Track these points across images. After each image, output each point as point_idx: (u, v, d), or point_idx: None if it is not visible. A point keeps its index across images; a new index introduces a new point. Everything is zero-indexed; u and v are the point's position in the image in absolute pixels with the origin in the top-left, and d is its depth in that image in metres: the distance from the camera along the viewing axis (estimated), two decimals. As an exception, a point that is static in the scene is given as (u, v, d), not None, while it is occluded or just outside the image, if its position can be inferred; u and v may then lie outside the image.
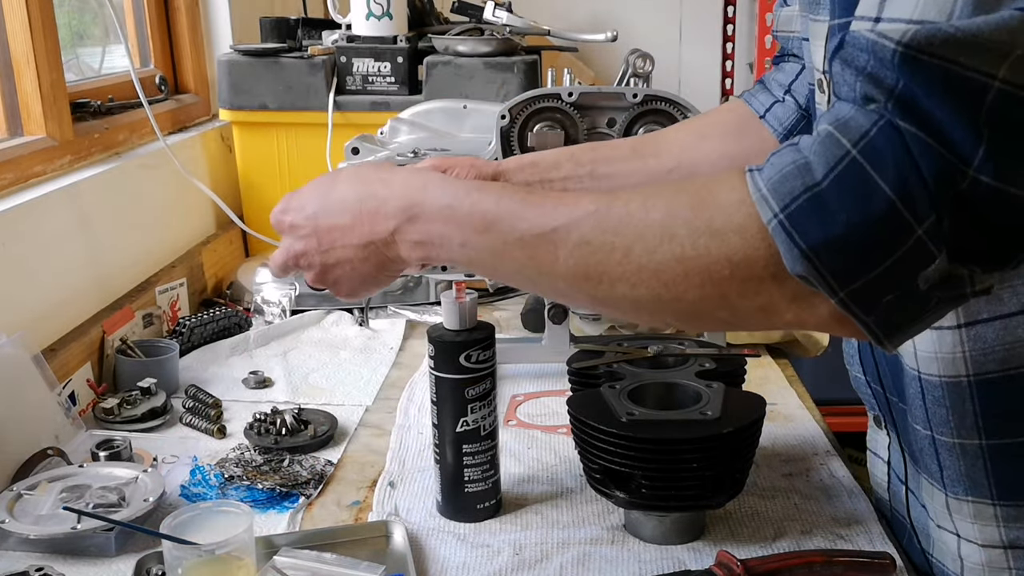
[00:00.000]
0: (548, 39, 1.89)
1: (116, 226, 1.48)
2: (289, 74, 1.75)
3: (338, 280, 0.85)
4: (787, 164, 0.61)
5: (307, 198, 0.84)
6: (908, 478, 0.93)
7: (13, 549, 0.95)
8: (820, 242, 0.59)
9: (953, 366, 0.79)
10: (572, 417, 0.97)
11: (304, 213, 0.83)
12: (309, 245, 0.83)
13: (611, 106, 1.16)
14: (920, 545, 0.92)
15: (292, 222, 0.85)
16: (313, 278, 0.86)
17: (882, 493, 0.99)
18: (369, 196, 0.79)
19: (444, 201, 0.75)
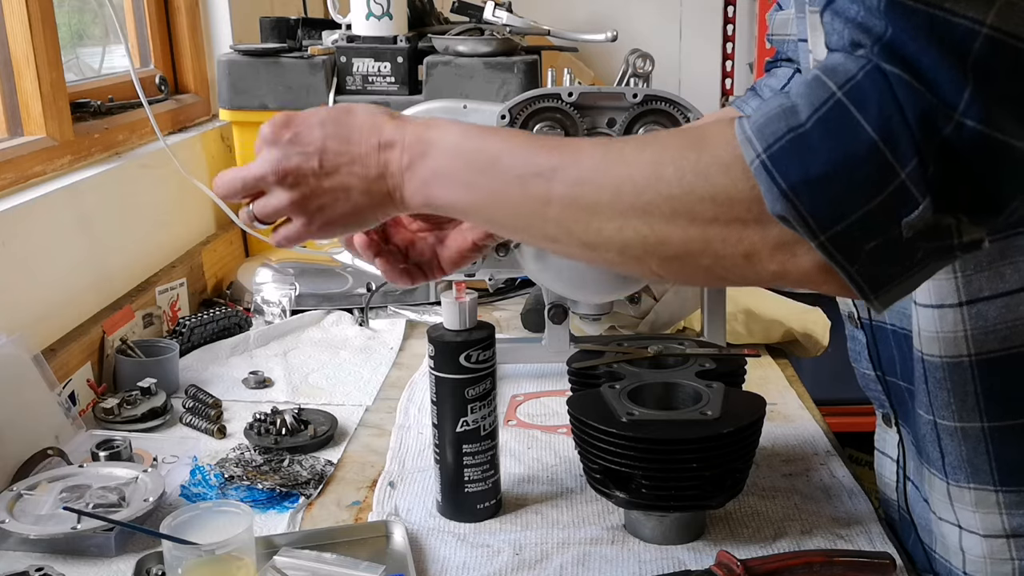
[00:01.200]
0: (548, 39, 1.89)
1: (116, 226, 1.48)
2: (289, 74, 1.74)
3: (321, 209, 0.79)
4: (773, 108, 0.62)
5: (317, 117, 0.78)
6: (911, 472, 0.92)
7: (13, 549, 0.95)
8: (800, 181, 0.59)
9: (955, 346, 0.79)
10: (572, 417, 0.97)
11: (313, 131, 0.77)
12: (308, 164, 0.77)
13: (611, 106, 1.16)
14: (923, 541, 0.91)
15: (297, 134, 0.77)
16: (290, 203, 0.79)
17: (890, 494, 0.98)
18: (385, 129, 0.77)
19: (454, 138, 0.75)
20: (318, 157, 0.77)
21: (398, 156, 0.76)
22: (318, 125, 0.78)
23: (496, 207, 0.74)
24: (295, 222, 0.80)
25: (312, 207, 0.79)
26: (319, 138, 0.77)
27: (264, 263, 1.67)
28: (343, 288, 1.62)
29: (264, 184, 0.79)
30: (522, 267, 1.27)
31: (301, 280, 1.62)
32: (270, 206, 0.80)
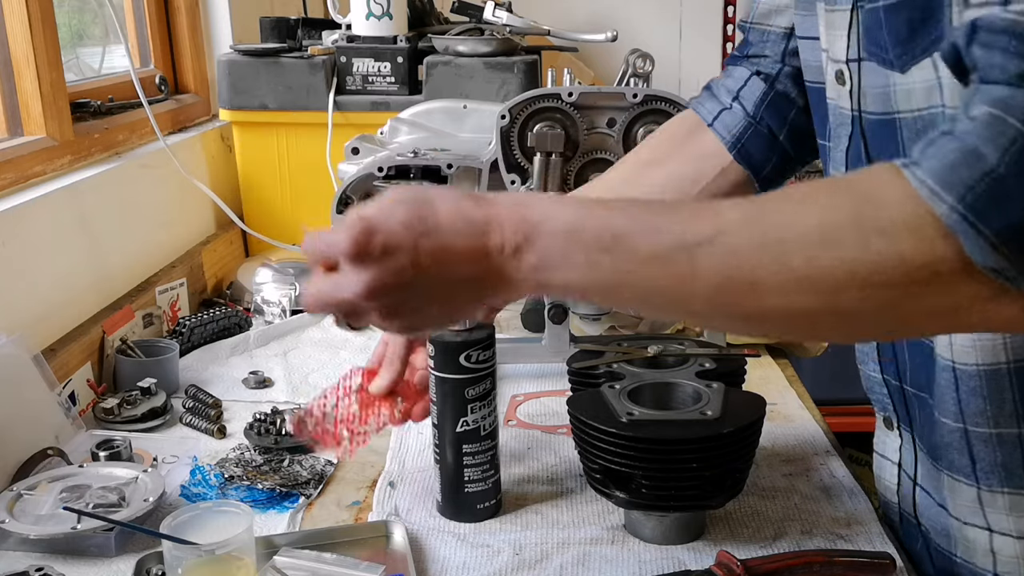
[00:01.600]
0: (548, 39, 1.89)
1: (116, 226, 1.48)
2: (289, 74, 1.74)
3: (419, 311, 0.73)
4: (950, 152, 0.59)
5: (400, 218, 0.69)
6: (920, 477, 0.92)
7: (13, 549, 0.95)
8: (1005, 227, 0.57)
9: (993, 354, 0.78)
10: (572, 417, 0.97)
11: (401, 234, 0.69)
12: (403, 278, 0.69)
13: (611, 106, 1.16)
14: (939, 546, 0.90)
15: (386, 243, 0.68)
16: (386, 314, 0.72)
17: (890, 497, 0.98)
18: (477, 216, 0.69)
19: (566, 218, 0.68)
20: (412, 269, 0.69)
21: (498, 243, 0.69)
22: (403, 228, 0.69)
23: (626, 287, 0.68)
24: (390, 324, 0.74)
25: (407, 312, 0.73)
26: (409, 243, 0.69)
27: (264, 263, 1.67)
28: (343, 288, 1.62)
29: (359, 306, 0.71)
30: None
31: (301, 280, 1.62)
32: (364, 320, 0.73)
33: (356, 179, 1.22)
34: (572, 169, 1.16)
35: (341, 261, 0.70)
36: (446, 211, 0.70)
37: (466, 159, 1.21)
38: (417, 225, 0.69)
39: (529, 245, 0.68)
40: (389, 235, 0.68)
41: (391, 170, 1.21)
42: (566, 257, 0.68)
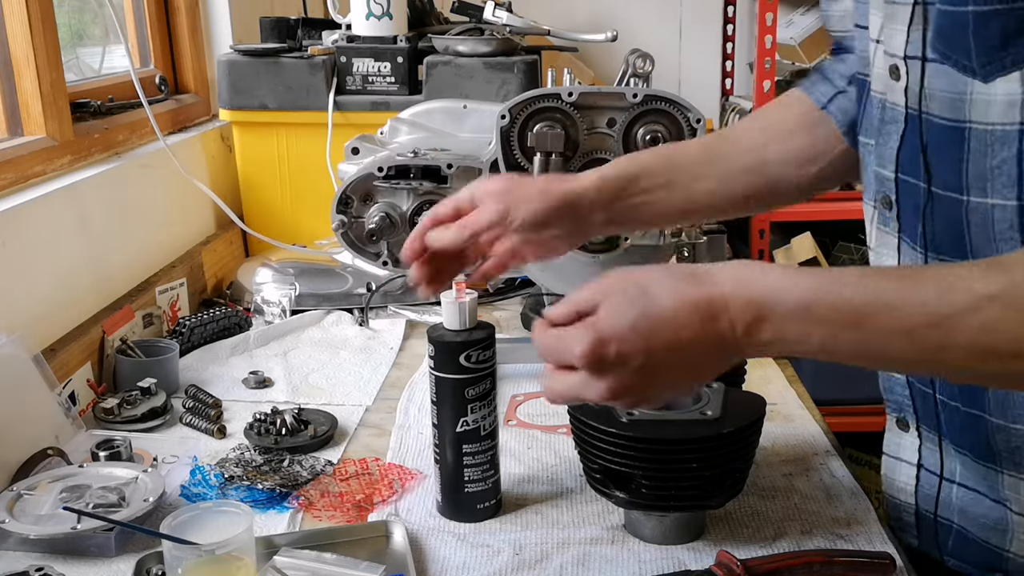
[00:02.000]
0: (548, 39, 1.89)
1: (116, 226, 1.48)
2: (289, 74, 1.75)
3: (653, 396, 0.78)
4: None
5: (621, 318, 0.73)
6: (960, 477, 0.91)
7: (13, 549, 0.95)
8: None
9: None
10: (572, 417, 0.97)
11: (630, 339, 0.72)
12: (640, 378, 0.74)
13: (611, 106, 1.16)
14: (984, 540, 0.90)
15: (620, 352, 0.72)
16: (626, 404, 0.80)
17: (905, 497, 0.97)
18: (701, 300, 0.73)
19: (798, 298, 0.71)
20: (648, 368, 0.73)
21: (728, 327, 0.72)
22: (632, 332, 0.73)
23: (869, 357, 0.73)
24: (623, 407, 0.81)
25: (648, 396, 0.78)
26: (641, 347, 0.73)
27: (264, 263, 1.67)
28: (343, 288, 1.62)
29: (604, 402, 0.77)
30: (522, 267, 1.28)
31: (301, 280, 1.62)
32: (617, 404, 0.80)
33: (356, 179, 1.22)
34: (572, 169, 1.16)
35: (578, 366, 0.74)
36: (669, 302, 0.73)
37: (466, 159, 1.21)
38: (644, 325, 0.73)
39: (760, 324, 0.72)
40: (621, 343, 0.73)
41: (391, 170, 1.21)
42: (802, 335, 0.72)
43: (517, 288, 1.69)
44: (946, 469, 0.92)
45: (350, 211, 1.23)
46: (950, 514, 0.93)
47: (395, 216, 1.22)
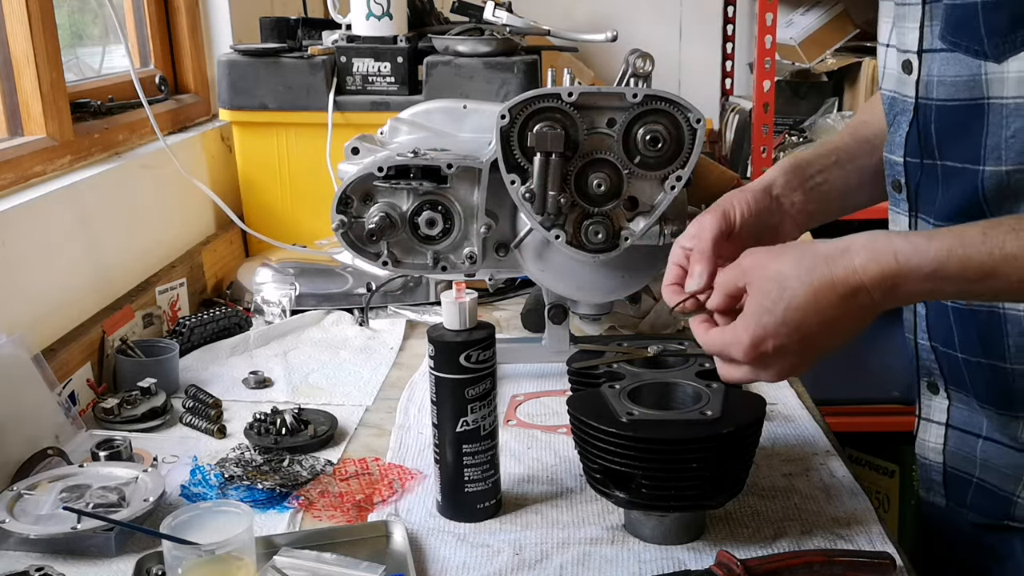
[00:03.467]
0: (548, 39, 1.89)
1: (116, 226, 1.48)
2: (289, 74, 1.74)
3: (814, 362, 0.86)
4: None
5: (769, 316, 0.83)
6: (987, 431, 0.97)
7: (13, 549, 0.95)
8: None
9: None
10: (572, 417, 0.97)
11: (783, 332, 0.82)
12: (800, 356, 0.84)
13: (611, 106, 1.16)
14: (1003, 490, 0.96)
15: (776, 345, 0.83)
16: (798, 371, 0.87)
17: (934, 457, 1.03)
18: (838, 281, 0.81)
19: (928, 268, 0.79)
20: (805, 348, 0.83)
21: (867, 298, 0.81)
22: (782, 324, 0.82)
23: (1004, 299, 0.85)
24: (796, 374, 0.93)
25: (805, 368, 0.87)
26: (795, 334, 0.82)
27: (264, 263, 1.67)
28: (343, 288, 1.62)
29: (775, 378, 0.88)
30: (522, 267, 1.28)
31: (301, 280, 1.62)
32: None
33: (356, 179, 1.22)
34: (572, 169, 1.16)
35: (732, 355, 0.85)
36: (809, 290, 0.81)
37: (466, 159, 1.21)
38: (793, 317, 0.82)
39: (895, 291, 0.80)
40: (776, 338, 0.83)
41: (391, 170, 1.20)
42: (934, 293, 0.83)
43: (517, 288, 1.69)
44: (973, 425, 0.98)
45: (350, 211, 1.23)
46: (973, 468, 0.98)
47: (395, 216, 1.22)
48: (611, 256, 1.19)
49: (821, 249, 0.83)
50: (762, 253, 0.86)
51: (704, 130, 1.15)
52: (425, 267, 1.26)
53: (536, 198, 1.15)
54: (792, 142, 2.42)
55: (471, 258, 1.25)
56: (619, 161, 1.16)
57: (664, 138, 1.15)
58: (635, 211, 1.19)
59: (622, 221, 1.19)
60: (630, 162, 1.16)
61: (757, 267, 0.85)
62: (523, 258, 1.26)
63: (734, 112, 2.70)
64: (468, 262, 1.25)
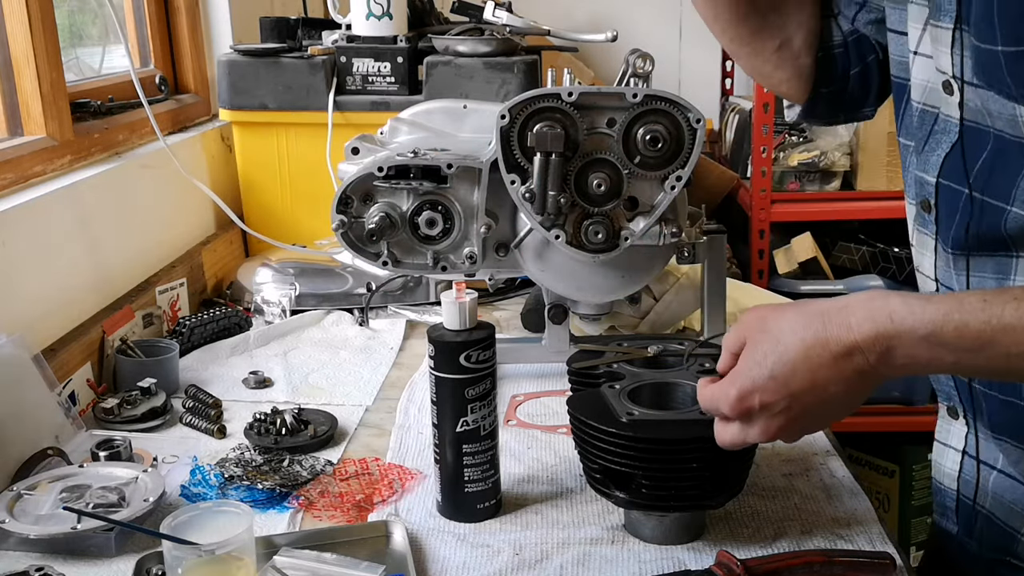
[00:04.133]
0: (548, 39, 1.89)
1: (116, 226, 1.48)
2: (289, 74, 1.74)
3: (807, 428, 0.85)
4: None
5: (759, 369, 0.81)
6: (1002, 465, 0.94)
7: (13, 549, 0.95)
8: None
9: None
10: (572, 417, 0.97)
11: (770, 388, 0.81)
12: (787, 417, 0.82)
13: (611, 106, 1.16)
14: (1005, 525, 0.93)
15: (763, 401, 0.81)
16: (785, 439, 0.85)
17: (948, 483, 1.00)
18: (831, 340, 0.79)
19: (923, 331, 0.76)
20: (796, 406, 0.81)
21: (863, 360, 0.78)
22: (770, 379, 0.80)
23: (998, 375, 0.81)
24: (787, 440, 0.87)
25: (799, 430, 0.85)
26: (783, 391, 0.80)
27: (264, 263, 1.67)
28: (343, 288, 1.62)
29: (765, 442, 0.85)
30: (522, 267, 1.28)
31: (301, 280, 1.62)
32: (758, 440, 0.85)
33: (356, 179, 1.22)
34: (572, 169, 1.16)
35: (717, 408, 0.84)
36: (802, 347, 0.80)
37: (466, 159, 1.21)
38: (782, 372, 0.80)
39: (891, 353, 0.77)
40: (763, 393, 0.81)
41: (391, 170, 1.20)
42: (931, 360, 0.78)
43: (517, 288, 1.69)
44: (988, 456, 0.95)
45: (350, 211, 1.23)
46: (984, 500, 0.95)
47: (395, 216, 1.22)
48: (611, 256, 1.19)
49: (820, 306, 0.81)
50: (764, 309, 0.85)
51: (704, 130, 1.15)
52: (425, 267, 1.26)
53: (536, 198, 1.15)
54: (792, 142, 2.42)
55: (471, 258, 1.25)
56: (619, 161, 1.16)
57: (664, 138, 1.15)
58: (635, 211, 1.18)
59: (622, 221, 1.19)
60: (630, 162, 1.16)
61: (757, 321, 0.84)
62: (523, 258, 1.26)
63: (734, 112, 2.70)
64: (468, 262, 1.25)
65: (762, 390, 0.81)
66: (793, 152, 2.41)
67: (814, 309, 0.81)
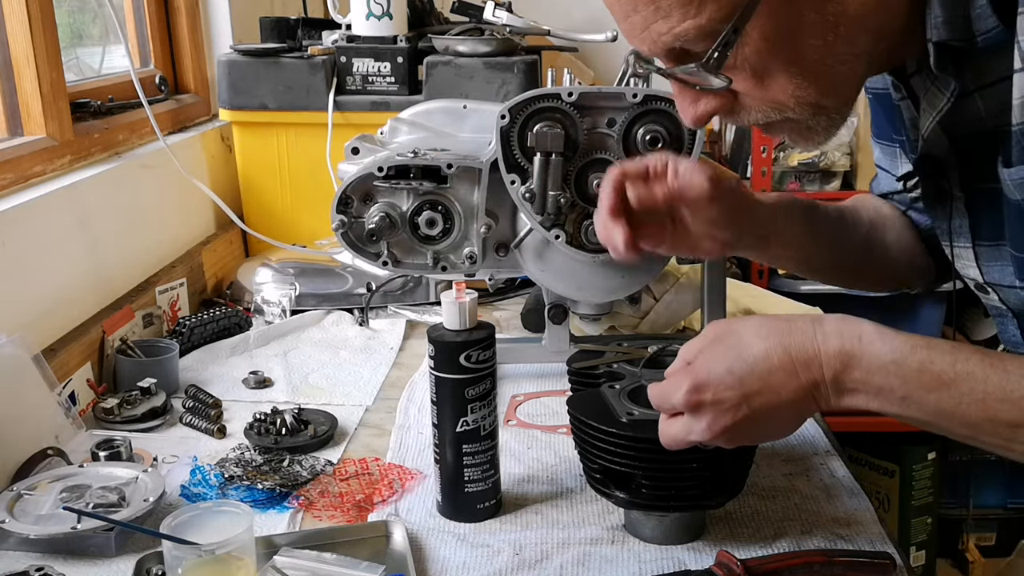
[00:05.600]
0: (548, 39, 1.89)
1: (116, 226, 1.48)
2: (289, 74, 1.74)
3: (747, 435, 0.84)
4: None
5: (717, 363, 0.81)
6: None
7: (13, 549, 0.95)
8: None
9: None
10: (572, 417, 0.97)
11: (726, 382, 0.80)
12: (738, 416, 0.80)
13: (611, 106, 1.16)
14: None
15: (715, 397, 0.80)
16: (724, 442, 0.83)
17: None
18: (793, 346, 0.79)
19: (887, 356, 0.77)
20: (745, 405, 0.80)
21: (818, 372, 0.79)
22: (727, 374, 0.80)
23: (942, 421, 0.78)
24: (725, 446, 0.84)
25: (745, 437, 0.84)
26: (736, 388, 0.80)
27: (264, 263, 1.67)
28: (343, 288, 1.62)
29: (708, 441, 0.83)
30: (522, 267, 1.28)
31: (301, 280, 1.62)
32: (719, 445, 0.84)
33: (356, 179, 1.22)
34: (572, 169, 1.16)
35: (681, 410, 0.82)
36: (763, 346, 0.79)
37: (466, 159, 1.21)
38: (740, 368, 0.80)
39: (846, 372, 0.78)
40: (717, 386, 0.80)
41: (391, 170, 1.20)
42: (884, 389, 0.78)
43: (517, 288, 1.69)
44: None
45: (350, 211, 1.23)
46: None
47: (395, 216, 1.22)
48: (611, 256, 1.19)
49: (789, 317, 0.82)
50: (730, 320, 0.85)
51: (704, 130, 1.15)
52: (425, 267, 1.26)
53: (536, 198, 1.15)
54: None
55: (471, 258, 1.25)
56: (619, 161, 1.16)
57: (664, 138, 1.15)
58: (635, 211, 1.18)
59: (622, 221, 1.19)
60: (630, 162, 1.16)
61: (720, 326, 0.84)
62: (523, 258, 1.26)
63: (734, 112, 2.70)
64: (468, 262, 1.25)
65: (716, 384, 0.80)
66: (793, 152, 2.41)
67: (782, 318, 0.82)
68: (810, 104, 0.81)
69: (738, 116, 0.84)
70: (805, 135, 0.85)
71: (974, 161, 0.86)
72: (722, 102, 0.83)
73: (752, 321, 0.82)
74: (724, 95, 0.82)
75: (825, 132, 0.84)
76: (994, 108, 0.80)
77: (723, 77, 0.79)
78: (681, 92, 0.84)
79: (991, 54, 0.78)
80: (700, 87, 0.82)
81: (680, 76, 0.81)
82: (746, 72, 0.79)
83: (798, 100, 0.80)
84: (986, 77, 0.81)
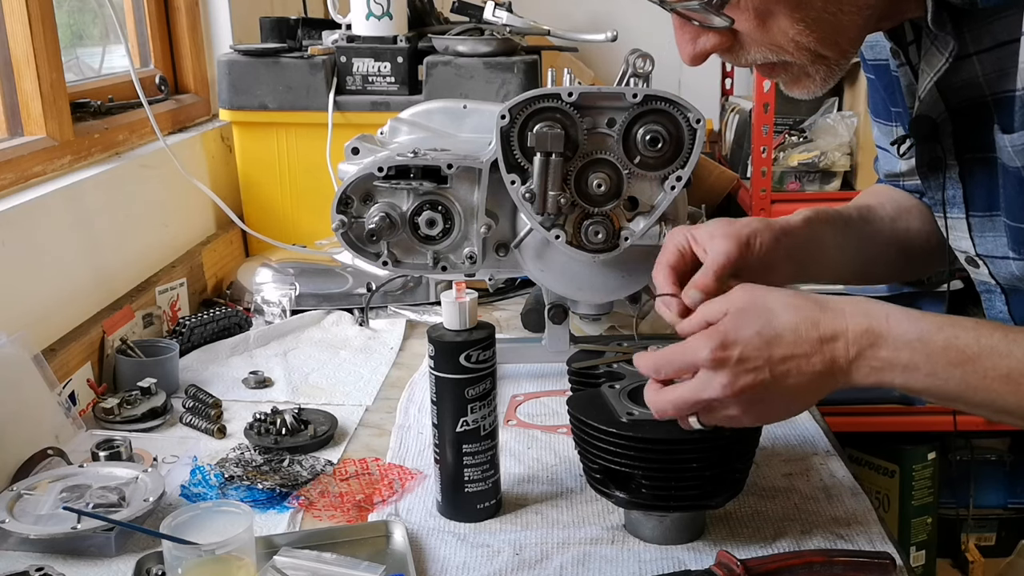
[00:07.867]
0: (548, 39, 1.89)
1: (116, 226, 1.48)
2: (289, 74, 1.74)
3: (767, 405, 0.83)
4: None
5: (746, 326, 0.80)
6: None
7: (13, 549, 0.95)
8: None
9: None
10: (572, 417, 0.97)
11: (753, 343, 0.80)
12: (760, 378, 0.80)
13: (611, 106, 1.16)
14: None
15: (742, 354, 0.80)
16: (741, 412, 0.82)
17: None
18: (823, 322, 0.80)
19: (913, 333, 0.78)
20: (768, 369, 0.80)
21: (844, 349, 0.79)
22: (756, 335, 0.80)
23: (969, 395, 0.78)
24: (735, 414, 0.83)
25: (758, 407, 0.83)
26: (764, 350, 0.80)
27: (264, 263, 1.67)
28: (343, 288, 1.62)
29: (723, 402, 0.82)
30: (522, 267, 1.28)
31: (301, 280, 1.62)
32: (723, 417, 0.83)
33: (356, 179, 1.22)
34: (572, 169, 1.16)
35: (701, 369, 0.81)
36: (793, 316, 0.80)
37: (466, 159, 1.21)
38: (769, 332, 0.80)
39: (871, 350, 0.78)
40: (745, 346, 0.79)
41: (391, 170, 1.20)
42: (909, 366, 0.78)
43: (517, 288, 1.69)
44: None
45: (350, 211, 1.23)
46: None
47: (395, 216, 1.22)
48: (611, 256, 1.19)
49: (818, 295, 0.82)
50: (757, 287, 0.84)
51: (704, 130, 1.15)
52: (425, 267, 1.26)
53: (536, 198, 1.15)
54: (792, 142, 2.42)
55: (471, 258, 1.25)
56: (619, 161, 1.16)
57: (664, 138, 1.15)
58: (635, 211, 1.19)
59: (622, 221, 1.19)
60: (630, 162, 1.16)
61: (747, 294, 0.83)
62: (523, 258, 1.26)
63: (734, 112, 2.70)
64: (468, 262, 1.25)
65: (745, 343, 0.80)
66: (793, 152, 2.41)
67: (812, 296, 0.82)
68: (808, 51, 0.82)
69: (736, 55, 0.84)
70: (802, 81, 0.85)
71: (969, 130, 0.86)
72: (721, 40, 0.83)
73: (782, 292, 0.82)
74: (724, 34, 0.82)
75: (822, 82, 0.85)
76: (992, 73, 0.81)
77: (725, 16, 0.80)
78: (681, 28, 0.84)
79: (991, 16, 0.79)
80: (701, 24, 0.82)
81: (681, 11, 0.82)
82: (748, 12, 0.80)
83: (797, 45, 0.81)
84: (984, 41, 0.81)
